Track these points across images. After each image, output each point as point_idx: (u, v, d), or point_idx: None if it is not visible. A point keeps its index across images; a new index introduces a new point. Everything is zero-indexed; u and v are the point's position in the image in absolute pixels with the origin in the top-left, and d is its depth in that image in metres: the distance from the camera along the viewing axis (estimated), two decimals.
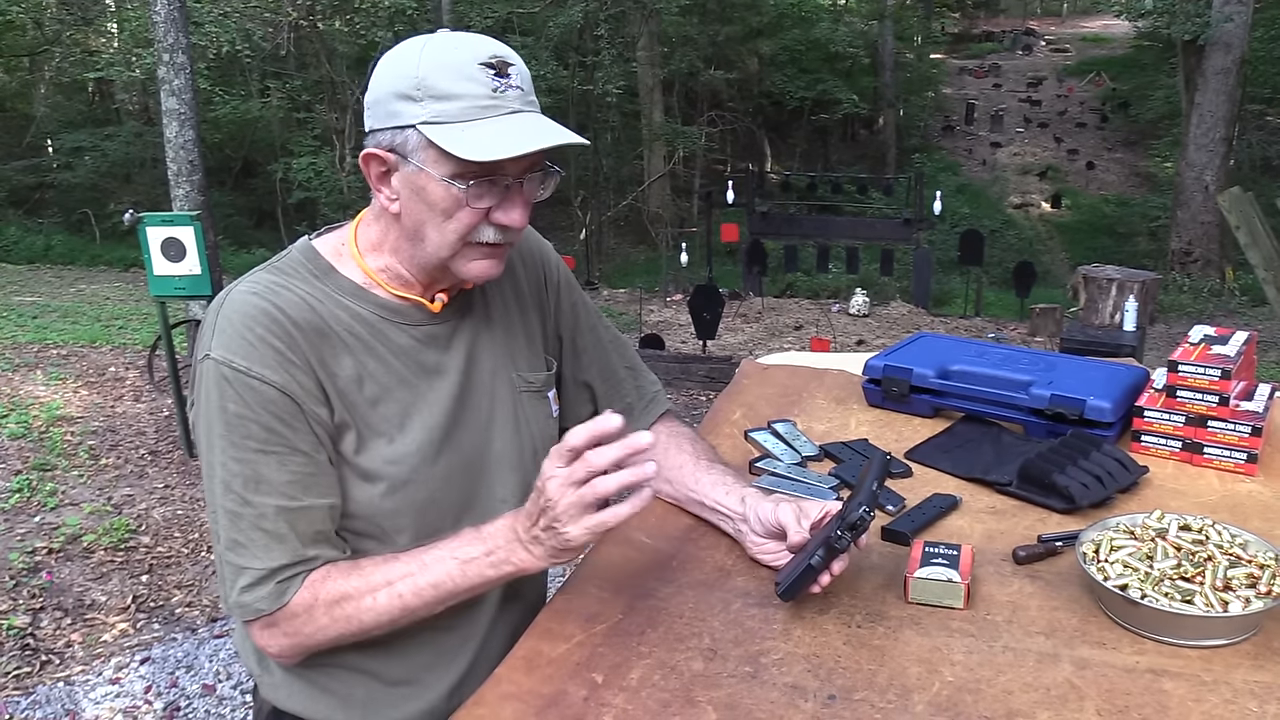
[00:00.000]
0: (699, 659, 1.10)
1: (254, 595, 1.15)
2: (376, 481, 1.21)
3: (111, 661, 3.67)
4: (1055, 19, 37.00)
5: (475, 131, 1.11)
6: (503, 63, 1.14)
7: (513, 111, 1.13)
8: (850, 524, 1.11)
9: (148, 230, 5.05)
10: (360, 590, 1.15)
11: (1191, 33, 13.93)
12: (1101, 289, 7.18)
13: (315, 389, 1.16)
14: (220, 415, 1.14)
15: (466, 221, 1.15)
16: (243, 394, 1.13)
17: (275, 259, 1.26)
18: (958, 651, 1.09)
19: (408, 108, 1.13)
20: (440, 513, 1.25)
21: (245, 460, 1.14)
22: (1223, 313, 11.90)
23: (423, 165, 1.14)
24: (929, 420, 1.72)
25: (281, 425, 1.14)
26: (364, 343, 1.21)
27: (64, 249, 14.60)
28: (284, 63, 15.82)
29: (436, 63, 1.13)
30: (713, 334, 8.72)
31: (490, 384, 1.31)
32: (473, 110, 1.11)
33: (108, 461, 5.29)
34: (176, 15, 6.35)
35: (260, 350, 1.14)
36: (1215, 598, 1.09)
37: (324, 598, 1.15)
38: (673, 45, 18.25)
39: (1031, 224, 20.26)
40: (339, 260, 1.25)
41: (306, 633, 1.17)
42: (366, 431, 1.20)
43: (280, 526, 1.15)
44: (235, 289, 1.19)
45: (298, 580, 1.16)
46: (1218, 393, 1.49)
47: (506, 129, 1.11)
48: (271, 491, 1.14)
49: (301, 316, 1.17)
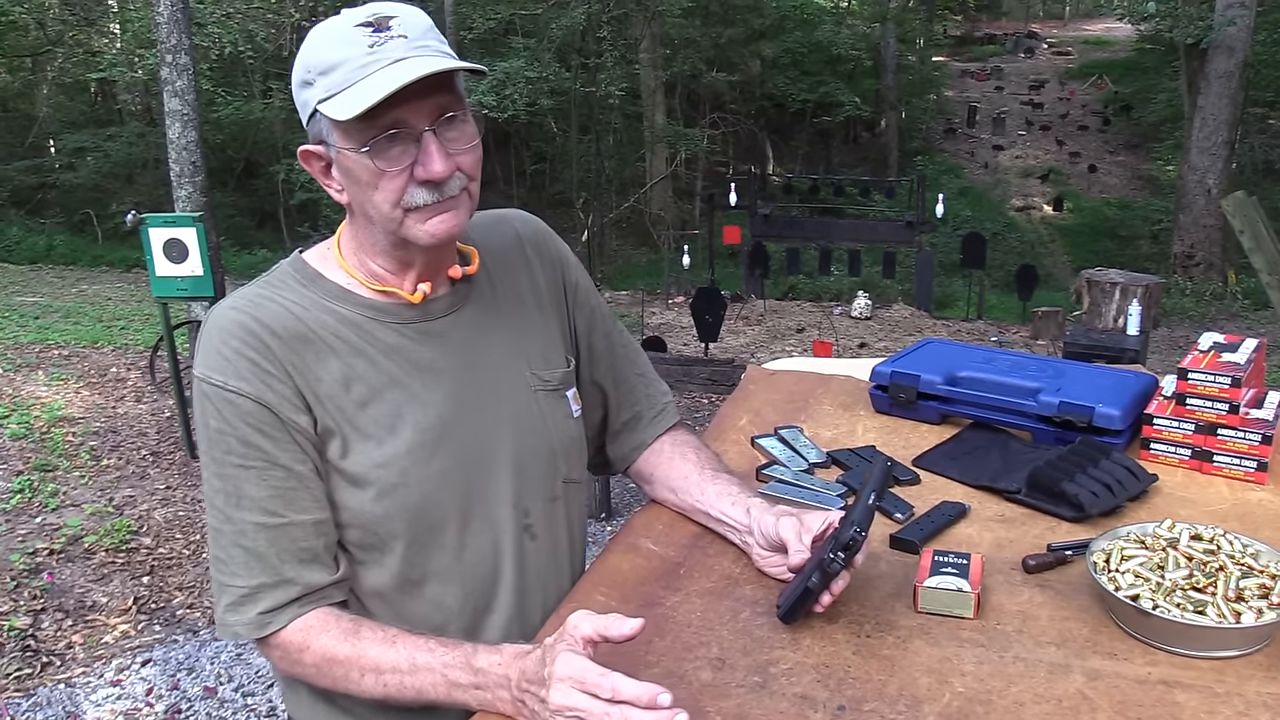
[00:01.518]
0: (707, 669, 1.09)
1: (236, 618, 1.15)
2: (366, 486, 1.18)
3: (112, 663, 3.66)
4: (1057, 22, 36.98)
5: (357, 92, 1.07)
6: (382, 18, 1.10)
7: (395, 60, 1.08)
8: (843, 544, 1.09)
9: (150, 231, 5.06)
10: (351, 661, 1.12)
11: (1194, 36, 13.92)
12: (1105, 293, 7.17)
13: (294, 397, 1.15)
14: (204, 431, 1.15)
15: (390, 187, 1.12)
16: (221, 409, 1.13)
17: (266, 273, 1.26)
18: (968, 662, 1.09)
19: (308, 93, 1.13)
20: (438, 516, 1.21)
21: (226, 476, 1.14)
22: (1225, 316, 11.90)
23: (338, 145, 1.12)
24: (937, 427, 1.71)
25: (260, 438, 1.13)
26: (351, 345, 1.19)
27: (66, 249, 14.61)
28: (286, 63, 15.77)
29: (316, 39, 1.12)
30: (715, 336, 8.71)
31: (497, 382, 1.28)
32: (353, 73, 1.08)
33: (109, 462, 5.29)
34: (179, 16, 6.35)
35: (235, 363, 1.13)
36: (1227, 608, 1.08)
37: (316, 649, 1.13)
38: (675, 47, 18.27)
39: (1033, 227, 20.25)
40: (325, 266, 1.24)
41: (296, 671, 1.17)
42: (354, 435, 1.18)
43: (259, 544, 1.13)
44: (220, 306, 1.19)
45: (284, 613, 1.14)
46: (1228, 400, 1.48)
47: (384, 80, 1.06)
48: (251, 507, 1.13)
49: (282, 326, 1.16)
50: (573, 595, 1.26)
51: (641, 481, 1.51)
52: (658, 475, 1.46)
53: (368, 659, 1.11)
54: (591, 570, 1.31)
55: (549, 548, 1.33)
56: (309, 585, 1.15)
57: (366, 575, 1.22)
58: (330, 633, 1.14)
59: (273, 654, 1.18)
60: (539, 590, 1.32)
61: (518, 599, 1.29)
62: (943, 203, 12.72)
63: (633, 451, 1.49)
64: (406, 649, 1.10)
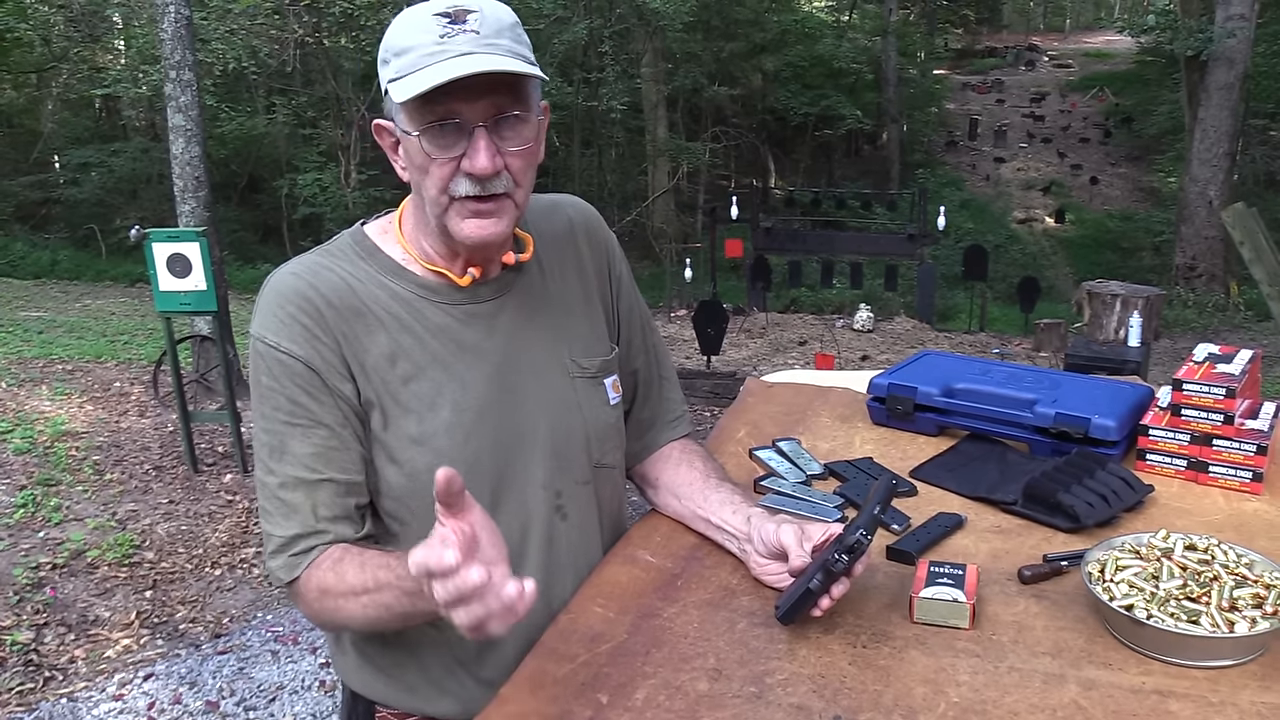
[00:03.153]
0: (704, 679, 1.10)
1: (275, 563, 1.21)
2: (403, 461, 1.23)
3: (115, 678, 3.66)
4: (1058, 35, 37.12)
5: (415, 78, 1.11)
6: (460, 10, 1.12)
7: (461, 54, 1.10)
8: (848, 547, 1.10)
9: (154, 246, 5.07)
10: (334, 589, 1.17)
11: (1194, 48, 13.97)
12: (1106, 304, 7.17)
13: (340, 366, 1.20)
14: (256, 388, 1.21)
15: (438, 174, 1.15)
16: (272, 367, 1.19)
17: (328, 242, 1.30)
18: (963, 672, 1.09)
19: (383, 72, 1.17)
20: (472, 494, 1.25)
21: (273, 431, 1.20)
22: (1227, 328, 11.89)
23: (402, 126, 1.17)
24: (934, 439, 1.72)
25: (307, 398, 1.19)
26: (400, 321, 1.24)
27: (70, 264, 14.66)
28: (290, 79, 15.91)
29: (399, 22, 1.15)
30: (717, 349, 8.72)
31: (536, 367, 1.31)
32: (420, 59, 1.11)
33: (112, 477, 5.30)
34: (183, 32, 6.39)
35: (289, 326, 1.19)
36: (1221, 618, 1.09)
37: (314, 583, 1.19)
38: (677, 62, 18.34)
39: (1035, 239, 20.27)
40: (383, 240, 1.29)
41: (313, 615, 1.22)
42: (395, 409, 1.22)
43: (297, 497, 1.19)
44: (281, 269, 1.24)
45: (311, 554, 1.19)
46: (1223, 411, 1.49)
47: (445, 70, 1.09)
48: (294, 462, 1.19)
49: (338, 296, 1.21)
50: (570, 606, 1.26)
51: (644, 484, 1.53)
52: (663, 480, 1.48)
53: (346, 584, 1.15)
54: (589, 582, 1.31)
55: (579, 528, 1.36)
56: (339, 536, 1.21)
57: (396, 544, 1.26)
58: (322, 566, 1.19)
59: (300, 604, 1.23)
60: (570, 568, 1.34)
61: (545, 576, 1.30)
62: (944, 215, 12.73)
63: (642, 451, 1.52)
64: (371, 569, 1.13)
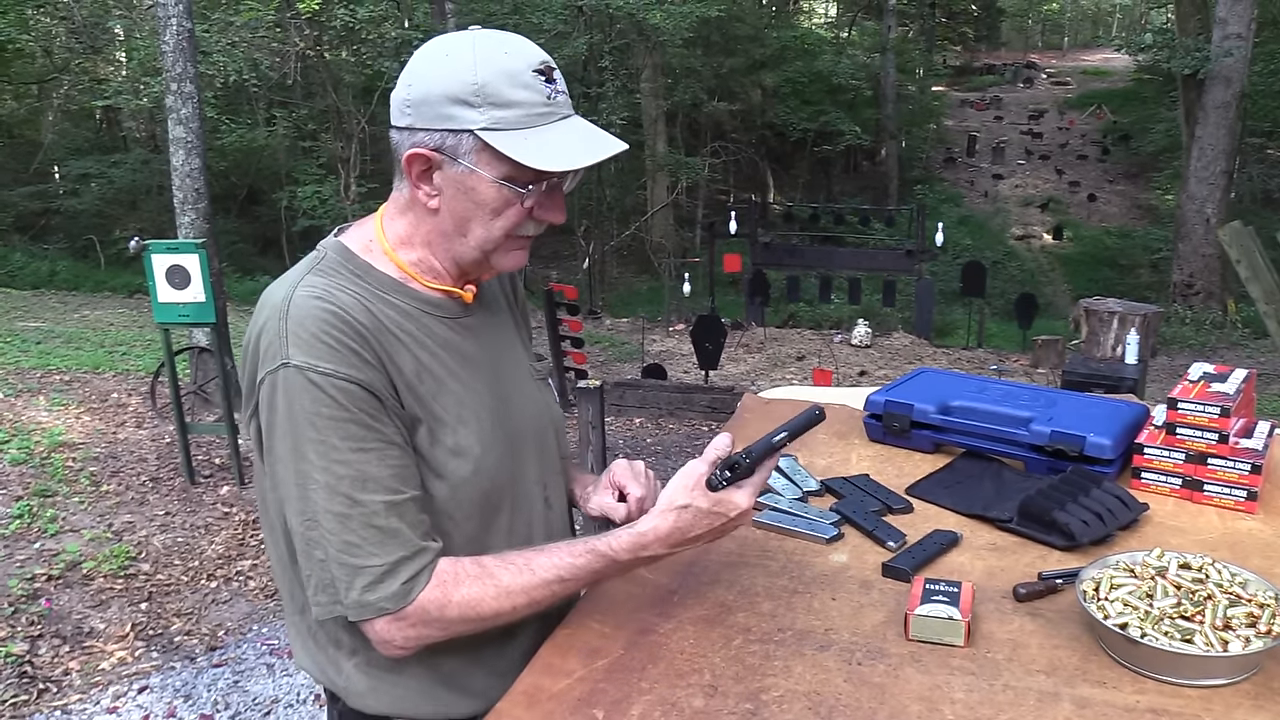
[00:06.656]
0: (700, 695, 1.10)
1: (377, 594, 1.16)
2: (448, 474, 1.24)
3: (109, 690, 3.65)
4: (1056, 52, 37.30)
5: (537, 139, 1.17)
6: (549, 68, 1.20)
7: (563, 117, 1.20)
8: (729, 464, 1.20)
9: (153, 257, 5.08)
10: (493, 598, 1.19)
11: (1191, 67, 14.04)
12: (1103, 321, 7.17)
13: (388, 386, 1.20)
14: (311, 421, 1.14)
15: (514, 219, 1.22)
16: (335, 396, 1.15)
17: (312, 260, 1.26)
18: (958, 690, 1.09)
19: (465, 113, 1.16)
20: (498, 499, 1.30)
21: (346, 461, 1.15)
22: (1225, 345, 11.91)
23: (475, 166, 1.18)
24: (930, 456, 1.72)
25: (374, 421, 1.17)
26: (414, 338, 1.24)
27: (69, 275, 14.65)
28: (290, 92, 15.97)
29: (494, 69, 1.16)
30: (715, 364, 8.73)
31: (513, 372, 1.38)
32: (530, 118, 1.17)
33: (109, 488, 5.29)
34: (185, 45, 6.42)
35: (341, 352, 1.16)
36: (1215, 637, 1.09)
37: (457, 599, 1.18)
38: (676, 77, 18.41)
39: (1033, 255, 20.32)
40: (371, 256, 1.27)
41: (427, 635, 1.19)
42: (434, 424, 1.23)
43: (392, 521, 1.16)
44: (294, 295, 1.19)
45: (423, 577, 1.17)
46: (1217, 430, 1.49)
47: (565, 136, 1.19)
48: (378, 488, 1.16)
49: (364, 317, 1.20)
50: (566, 622, 1.27)
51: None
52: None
53: (504, 586, 1.19)
54: (585, 599, 1.32)
55: (559, 513, 1.44)
56: (435, 551, 1.20)
57: None
58: (464, 583, 1.19)
59: (399, 628, 1.18)
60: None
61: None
62: (942, 231, 12.77)
63: None
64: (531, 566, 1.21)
